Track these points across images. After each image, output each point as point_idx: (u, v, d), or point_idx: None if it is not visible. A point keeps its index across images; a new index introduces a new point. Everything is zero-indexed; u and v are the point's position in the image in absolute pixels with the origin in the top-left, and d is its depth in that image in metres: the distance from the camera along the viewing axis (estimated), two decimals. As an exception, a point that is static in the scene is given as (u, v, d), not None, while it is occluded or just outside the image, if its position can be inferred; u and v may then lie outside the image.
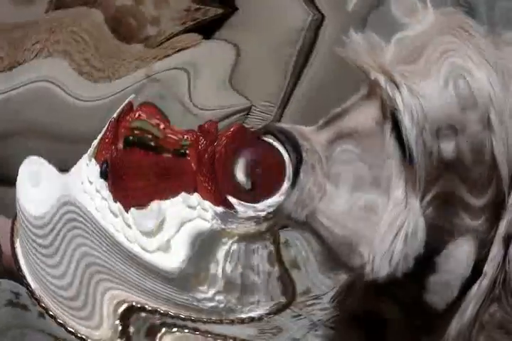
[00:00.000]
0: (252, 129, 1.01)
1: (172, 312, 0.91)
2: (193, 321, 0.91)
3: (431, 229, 0.84)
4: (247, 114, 2.31)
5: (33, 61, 2.09)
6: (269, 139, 0.89)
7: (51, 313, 0.94)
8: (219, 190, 0.89)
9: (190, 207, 0.90)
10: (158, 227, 0.90)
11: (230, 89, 2.35)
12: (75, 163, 1.00)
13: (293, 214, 0.86)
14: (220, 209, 0.89)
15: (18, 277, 0.99)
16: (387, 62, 0.84)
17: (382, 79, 0.83)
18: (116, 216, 0.89)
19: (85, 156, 0.98)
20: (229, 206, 0.89)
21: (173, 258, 0.90)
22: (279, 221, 0.94)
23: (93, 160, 0.95)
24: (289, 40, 2.21)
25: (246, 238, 0.93)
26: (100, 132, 0.99)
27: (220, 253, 0.91)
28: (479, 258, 0.83)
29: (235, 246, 0.92)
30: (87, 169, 0.95)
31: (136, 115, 0.96)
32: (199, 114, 2.14)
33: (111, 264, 0.91)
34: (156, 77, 2.13)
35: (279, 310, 0.98)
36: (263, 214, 0.91)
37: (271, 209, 0.88)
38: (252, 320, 0.94)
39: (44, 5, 2.38)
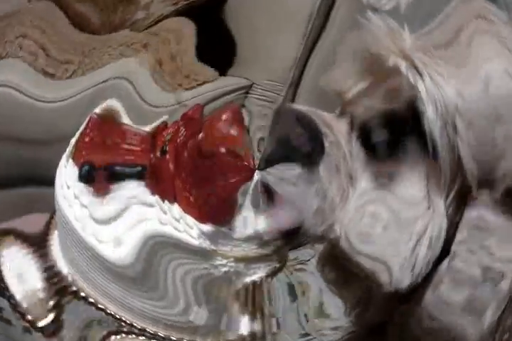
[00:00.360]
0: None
1: (162, 333, 0.82)
2: (187, 344, 0.82)
3: (449, 228, 0.79)
4: (247, 93, 2.24)
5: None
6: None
7: (39, 325, 0.87)
8: (205, 200, 0.78)
9: (174, 218, 0.79)
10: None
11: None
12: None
13: (311, 229, 0.78)
14: (206, 227, 0.78)
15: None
16: (407, 46, 0.79)
17: (403, 65, 0.78)
18: (101, 223, 0.80)
19: (64, 157, 0.89)
20: (221, 222, 0.79)
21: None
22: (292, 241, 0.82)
23: (70, 161, 0.86)
24: (295, 22, 2.13)
25: (245, 260, 0.82)
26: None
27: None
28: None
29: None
30: (65, 171, 0.86)
31: (169, 131, 0.89)
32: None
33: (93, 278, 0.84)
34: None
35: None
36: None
37: None
38: (253, 338, 0.84)
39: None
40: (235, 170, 0.80)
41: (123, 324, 0.83)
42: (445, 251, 0.80)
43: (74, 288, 0.85)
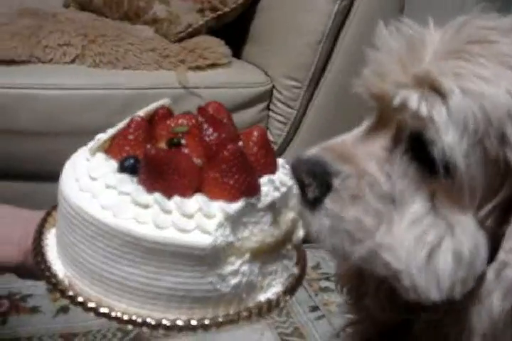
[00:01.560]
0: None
1: (183, 318, 0.84)
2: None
3: (494, 240, 0.79)
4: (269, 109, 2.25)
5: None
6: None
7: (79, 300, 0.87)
8: (244, 180, 0.83)
9: (185, 215, 0.81)
10: None
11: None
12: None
13: (344, 248, 0.81)
14: (236, 206, 0.82)
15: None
16: (429, 60, 0.78)
17: (415, 97, 0.77)
18: (145, 207, 0.82)
19: (84, 150, 0.93)
20: (252, 195, 0.84)
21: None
22: None
23: (100, 154, 0.90)
24: (318, 18, 2.17)
25: (262, 254, 0.86)
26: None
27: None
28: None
29: (245, 267, 0.85)
30: (89, 165, 0.89)
31: (180, 122, 0.93)
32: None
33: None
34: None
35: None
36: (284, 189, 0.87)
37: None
38: (269, 305, 0.89)
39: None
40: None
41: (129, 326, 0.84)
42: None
43: (70, 293, 0.86)
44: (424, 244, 0.78)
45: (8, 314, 1.96)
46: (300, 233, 0.91)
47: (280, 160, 0.93)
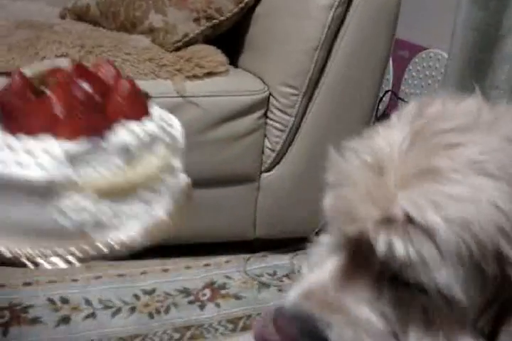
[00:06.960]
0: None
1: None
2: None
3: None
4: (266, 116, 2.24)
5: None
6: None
7: None
8: (89, 120, 0.86)
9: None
10: None
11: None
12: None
13: None
14: (76, 144, 0.84)
15: None
16: (397, 190, 0.74)
17: (400, 243, 0.73)
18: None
19: None
20: (99, 132, 0.86)
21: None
22: None
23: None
24: (314, 24, 2.16)
25: (112, 194, 0.87)
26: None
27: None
28: None
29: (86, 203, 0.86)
30: None
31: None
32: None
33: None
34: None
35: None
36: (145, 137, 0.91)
37: None
38: None
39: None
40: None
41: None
42: None
43: None
44: None
45: (9, 325, 1.95)
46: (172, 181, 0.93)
47: (158, 111, 0.99)
